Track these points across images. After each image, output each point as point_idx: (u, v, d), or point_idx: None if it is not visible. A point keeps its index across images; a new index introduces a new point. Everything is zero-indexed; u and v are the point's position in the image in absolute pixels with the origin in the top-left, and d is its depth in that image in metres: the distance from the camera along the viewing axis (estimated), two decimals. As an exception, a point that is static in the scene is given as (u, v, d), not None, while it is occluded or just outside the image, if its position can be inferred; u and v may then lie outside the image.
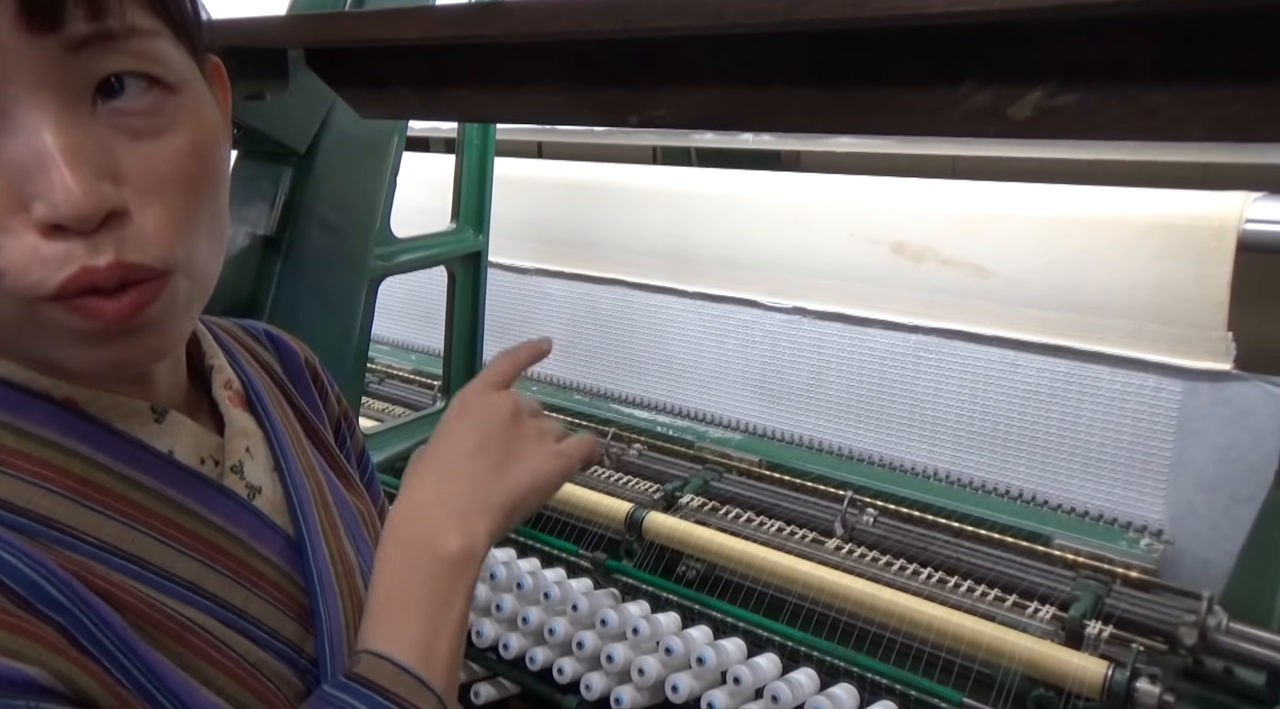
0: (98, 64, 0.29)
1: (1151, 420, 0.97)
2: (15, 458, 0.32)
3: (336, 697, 0.34)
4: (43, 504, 0.32)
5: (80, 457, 0.33)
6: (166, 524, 0.35)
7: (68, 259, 0.29)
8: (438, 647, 0.37)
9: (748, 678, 0.85)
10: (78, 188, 0.28)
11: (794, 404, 1.22)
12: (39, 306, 0.30)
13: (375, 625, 0.37)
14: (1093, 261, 0.99)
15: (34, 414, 0.33)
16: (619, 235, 1.39)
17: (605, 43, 0.71)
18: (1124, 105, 0.55)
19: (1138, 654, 0.76)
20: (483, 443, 0.43)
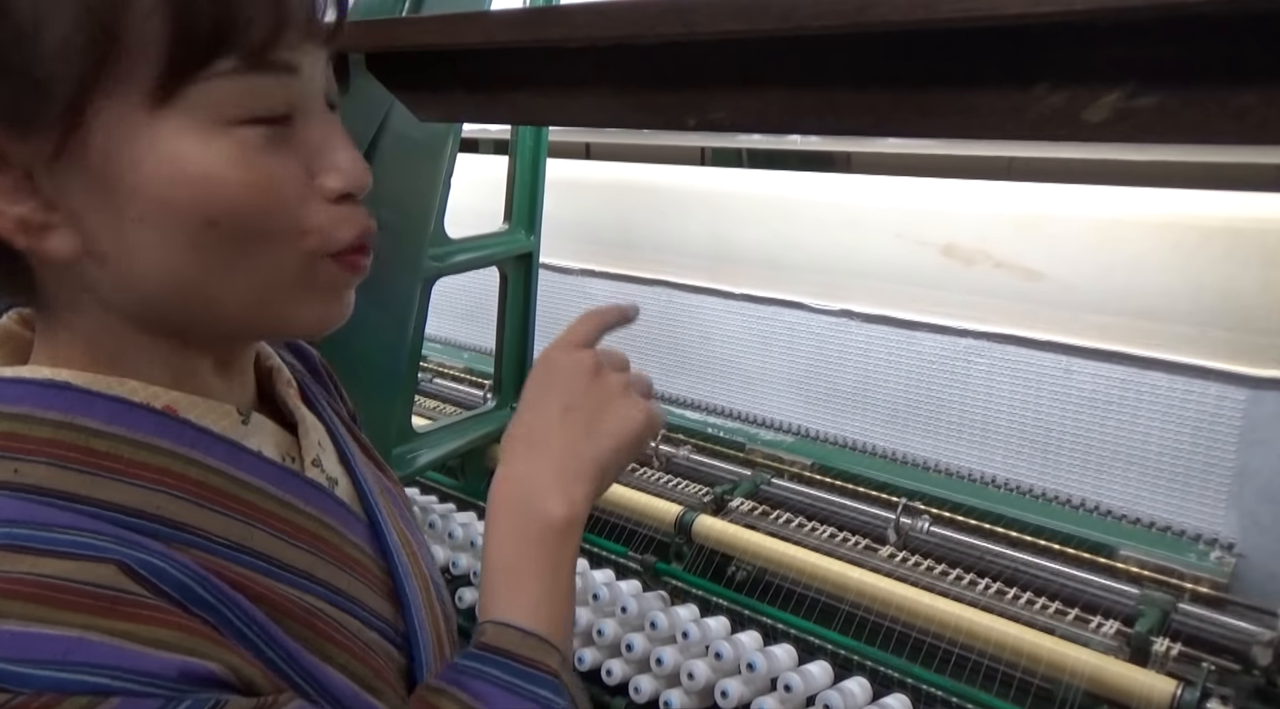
0: (331, 82, 0.38)
1: (1213, 429, 0.94)
2: (136, 468, 0.33)
3: (471, 667, 0.37)
4: (170, 509, 0.33)
5: (193, 462, 0.34)
6: (276, 520, 0.36)
7: (356, 219, 0.36)
8: (554, 609, 0.40)
9: (799, 685, 0.84)
10: (360, 162, 0.36)
11: (842, 407, 1.21)
12: (321, 263, 0.36)
13: (494, 596, 0.40)
14: (1152, 265, 0.97)
15: (144, 424, 0.34)
16: (665, 236, 1.39)
17: (665, 45, 0.71)
18: (1209, 107, 0.53)
19: (1208, 673, 0.74)
20: (569, 404, 0.44)
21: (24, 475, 0.31)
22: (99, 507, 0.31)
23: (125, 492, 0.32)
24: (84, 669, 0.26)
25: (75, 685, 0.25)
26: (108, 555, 0.29)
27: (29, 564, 0.28)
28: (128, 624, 0.28)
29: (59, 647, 0.26)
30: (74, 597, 0.27)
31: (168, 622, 0.29)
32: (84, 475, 0.32)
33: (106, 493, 0.32)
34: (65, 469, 0.31)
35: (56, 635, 0.26)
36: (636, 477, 1.15)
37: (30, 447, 0.31)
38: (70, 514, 0.30)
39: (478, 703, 0.36)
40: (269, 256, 0.34)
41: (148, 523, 0.32)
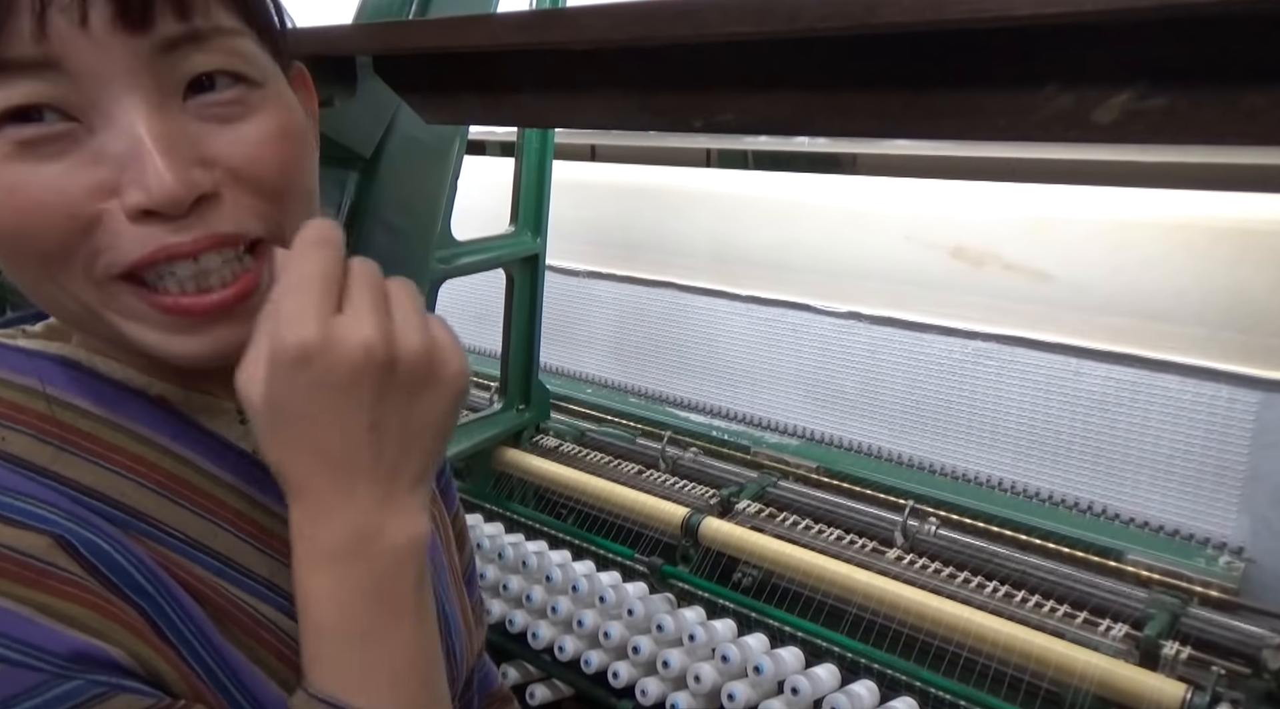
0: (188, 62, 0.31)
1: (1225, 432, 0.94)
2: (112, 452, 0.33)
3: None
4: (134, 498, 0.33)
5: (170, 453, 0.35)
6: (244, 521, 0.36)
7: (149, 238, 0.30)
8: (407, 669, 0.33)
9: (806, 689, 0.84)
10: (169, 174, 0.29)
11: (849, 410, 1.21)
12: (117, 290, 0.31)
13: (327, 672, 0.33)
14: (1163, 267, 0.96)
15: (131, 409, 0.34)
16: (671, 238, 1.39)
17: (672, 48, 0.71)
18: (1221, 108, 0.53)
19: (1218, 677, 0.73)
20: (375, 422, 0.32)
21: (9, 443, 0.32)
22: (63, 483, 0.32)
23: (94, 473, 0.33)
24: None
25: None
26: (48, 528, 0.30)
27: None
28: (44, 596, 0.28)
29: None
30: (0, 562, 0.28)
31: (85, 601, 0.29)
32: (59, 451, 0.32)
33: (74, 471, 0.32)
34: (43, 443, 0.32)
35: None
36: (643, 479, 1.15)
37: (22, 417, 0.33)
38: (35, 485, 0.31)
39: None
40: (61, 280, 0.31)
41: (107, 507, 0.33)
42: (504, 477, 1.22)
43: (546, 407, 1.30)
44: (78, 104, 0.29)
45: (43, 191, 0.29)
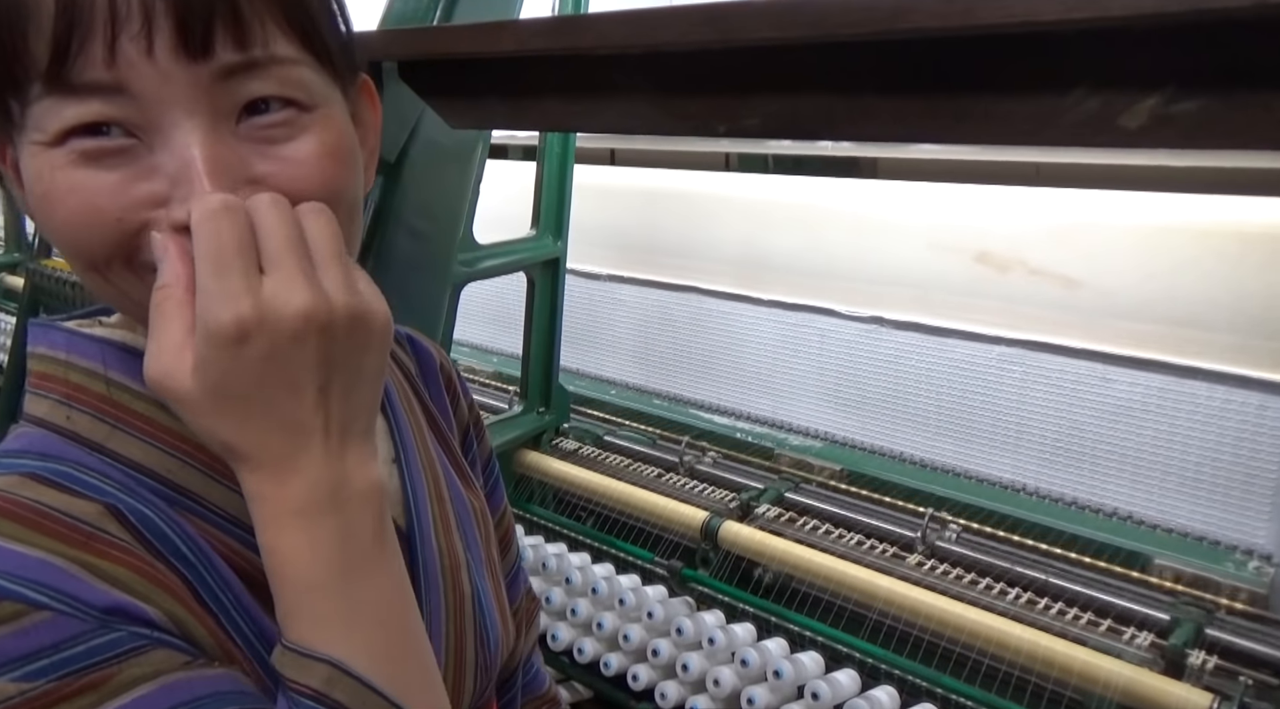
0: (244, 89, 0.33)
1: (1255, 439, 0.92)
2: (162, 432, 0.35)
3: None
4: (181, 475, 0.35)
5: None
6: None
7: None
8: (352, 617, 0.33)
9: (826, 694, 0.83)
10: (213, 192, 0.31)
11: (872, 414, 1.20)
12: (122, 275, 0.34)
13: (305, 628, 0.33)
14: (1193, 273, 0.95)
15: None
16: (693, 242, 1.39)
17: (697, 53, 0.71)
18: (1251, 113, 0.52)
19: (1245, 688, 0.72)
20: (322, 384, 0.32)
21: (73, 423, 0.35)
22: (117, 459, 0.35)
23: (145, 450, 0.35)
24: (33, 585, 0.29)
25: (15, 594, 0.29)
26: (101, 497, 0.33)
27: (35, 492, 0.32)
28: (90, 556, 0.31)
29: (18, 561, 0.30)
30: (55, 525, 0.31)
31: (129, 564, 0.32)
32: (113, 429, 0.35)
33: (127, 449, 0.35)
34: (100, 421, 0.35)
35: (22, 552, 0.30)
36: (662, 482, 1.15)
37: (84, 398, 0.35)
38: (94, 459, 0.34)
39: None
40: (108, 274, 0.33)
41: (155, 483, 0.35)
42: (524, 479, 1.23)
43: (566, 409, 1.30)
44: (139, 123, 0.32)
45: (98, 196, 0.32)
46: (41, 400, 0.36)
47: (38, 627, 0.28)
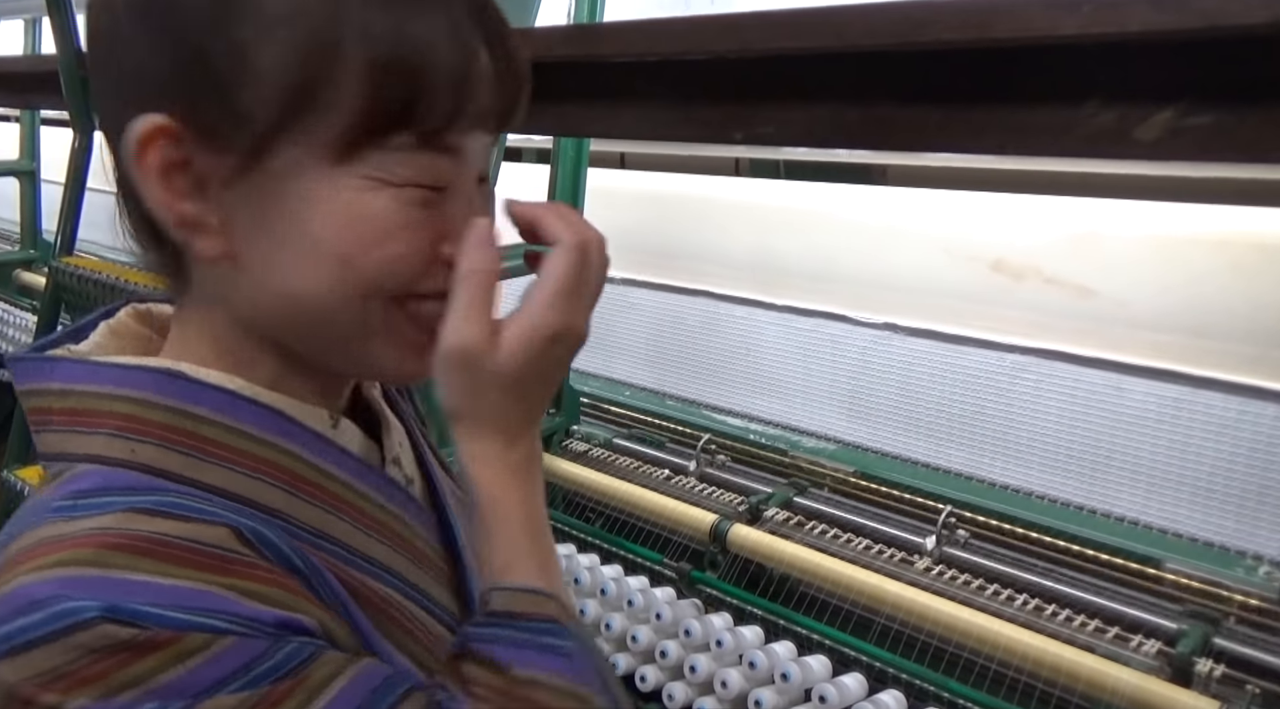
0: (487, 160, 0.40)
1: (1270, 450, 0.92)
2: (237, 455, 0.36)
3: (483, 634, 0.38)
4: (265, 496, 0.36)
5: (286, 452, 0.37)
6: (359, 513, 0.39)
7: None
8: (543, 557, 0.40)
9: (833, 697, 0.84)
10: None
11: (884, 421, 1.21)
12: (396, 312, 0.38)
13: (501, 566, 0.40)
14: (1210, 283, 0.95)
15: (247, 416, 0.37)
16: (708, 247, 1.40)
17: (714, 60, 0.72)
18: (1265, 126, 0.53)
19: (1253, 696, 0.73)
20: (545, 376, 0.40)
21: (138, 454, 0.34)
22: (199, 487, 0.34)
23: (225, 476, 0.35)
24: (203, 613, 0.30)
25: (197, 625, 0.29)
26: (220, 520, 0.33)
27: (151, 525, 0.31)
28: (235, 579, 0.31)
29: (175, 594, 0.30)
30: (190, 555, 0.31)
31: (269, 580, 0.32)
32: (188, 458, 0.35)
33: (207, 476, 0.35)
34: (170, 451, 0.35)
35: (175, 585, 0.30)
36: (672, 484, 1.16)
37: (145, 428, 0.35)
38: (179, 487, 0.34)
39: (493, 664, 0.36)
40: (370, 301, 0.37)
41: (243, 507, 0.35)
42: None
43: (576, 411, 1.31)
44: (451, 180, 0.37)
45: (422, 235, 0.37)
46: (90, 437, 0.34)
47: (226, 652, 0.29)
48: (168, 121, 0.33)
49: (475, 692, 0.35)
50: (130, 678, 0.28)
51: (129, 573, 0.30)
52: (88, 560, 0.29)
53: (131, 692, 0.28)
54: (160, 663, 0.28)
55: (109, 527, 0.31)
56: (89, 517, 0.31)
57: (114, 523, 0.31)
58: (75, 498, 0.32)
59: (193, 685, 0.29)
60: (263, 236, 0.35)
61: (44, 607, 0.28)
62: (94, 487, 0.33)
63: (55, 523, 0.31)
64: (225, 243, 0.36)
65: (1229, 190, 1.02)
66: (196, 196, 0.35)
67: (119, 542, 0.30)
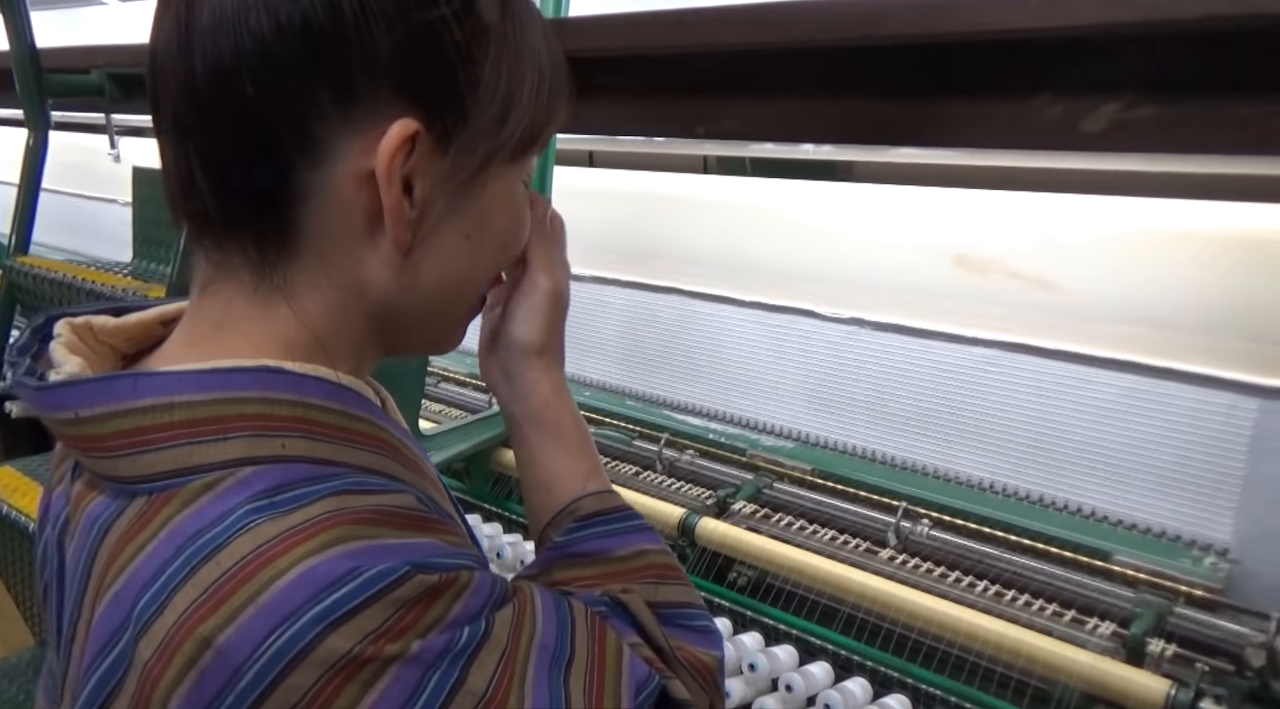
0: None
1: (1224, 439, 0.95)
2: (356, 435, 0.37)
3: (576, 537, 0.47)
4: (392, 468, 0.38)
5: (383, 428, 0.39)
6: (424, 473, 0.42)
7: None
8: (597, 462, 0.50)
9: (800, 686, 0.85)
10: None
11: (853, 416, 1.22)
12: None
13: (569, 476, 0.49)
14: (1167, 276, 0.97)
15: (347, 400, 0.38)
16: (678, 244, 1.40)
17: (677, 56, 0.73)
18: (1206, 118, 0.55)
19: (1202, 674, 0.75)
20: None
21: (290, 448, 0.35)
22: (353, 467, 0.36)
23: (360, 455, 0.37)
24: (454, 556, 0.34)
25: (460, 565, 0.34)
26: (402, 489, 0.36)
27: (368, 501, 0.34)
28: (441, 534, 0.35)
29: (429, 549, 0.33)
30: (408, 518, 0.34)
31: (453, 532, 0.36)
32: (332, 444, 0.36)
33: (353, 457, 0.36)
34: (315, 440, 0.36)
35: (422, 542, 0.34)
36: (640, 480, 1.16)
37: (282, 424, 0.35)
38: (338, 468, 0.35)
39: (600, 555, 0.46)
40: (490, 278, 0.44)
41: (381, 479, 0.37)
42: (503, 477, 1.24)
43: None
44: None
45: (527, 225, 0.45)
46: (226, 443, 0.34)
47: (481, 582, 0.34)
48: (420, 128, 0.36)
49: (589, 584, 0.44)
50: (434, 617, 0.32)
51: (389, 538, 0.32)
52: (351, 536, 0.32)
53: (439, 626, 0.32)
54: (451, 599, 0.33)
55: (335, 509, 0.32)
56: (301, 507, 0.32)
57: (334, 506, 0.32)
58: (264, 497, 0.32)
59: (473, 611, 0.33)
60: (450, 229, 0.39)
61: (352, 577, 0.30)
62: (276, 484, 0.33)
63: (270, 520, 0.31)
64: (411, 235, 0.38)
65: (1186, 185, 1.04)
66: (406, 193, 0.37)
67: (358, 517, 0.33)
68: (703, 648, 0.44)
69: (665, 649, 0.42)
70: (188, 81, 0.35)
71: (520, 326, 0.49)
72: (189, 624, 0.30)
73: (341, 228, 0.37)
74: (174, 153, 0.36)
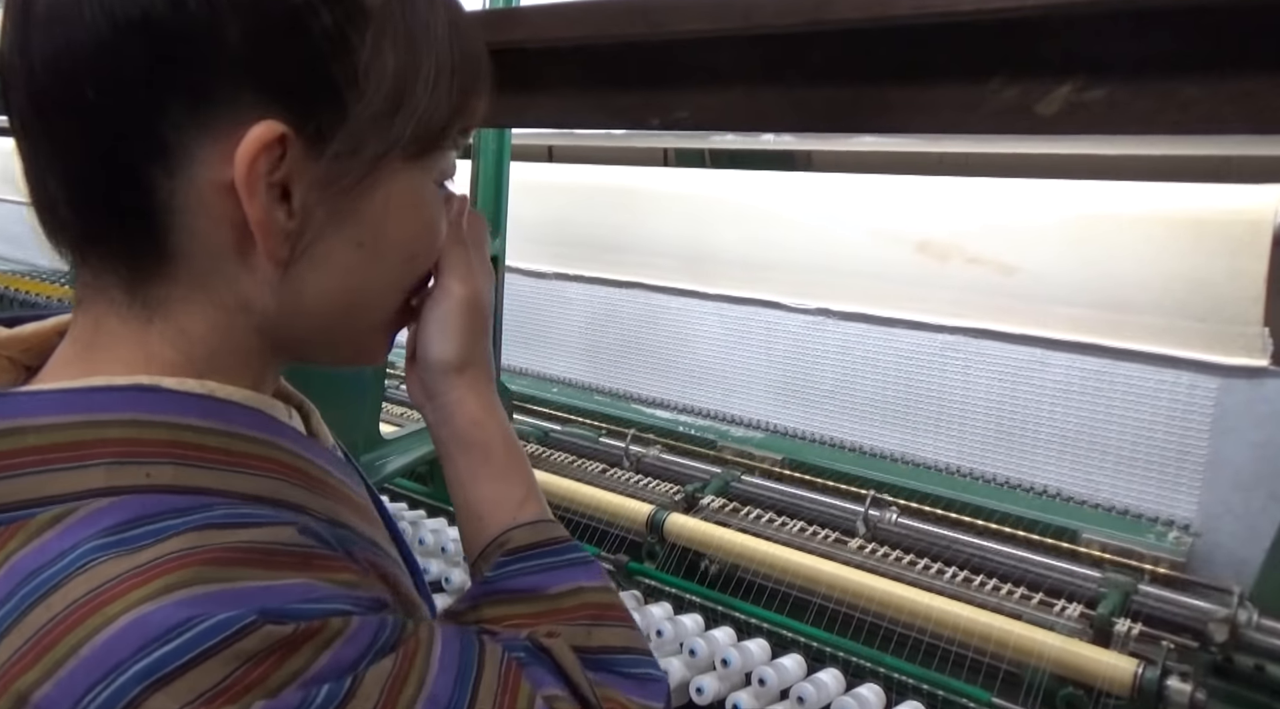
0: None
1: (1186, 418, 0.96)
2: (246, 458, 0.34)
3: (508, 570, 0.42)
4: (288, 494, 0.35)
5: (283, 449, 0.36)
6: (343, 497, 0.39)
7: None
8: (535, 489, 0.46)
9: (773, 679, 0.84)
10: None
11: (819, 405, 1.22)
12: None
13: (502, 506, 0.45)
14: (1124, 258, 0.98)
15: (239, 419, 0.35)
16: (639, 238, 1.39)
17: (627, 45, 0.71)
18: (1156, 99, 0.55)
19: (1168, 652, 0.76)
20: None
21: (156, 477, 0.31)
22: (233, 496, 0.33)
23: (245, 481, 0.34)
24: (324, 601, 0.30)
25: (331, 611, 0.30)
26: (282, 521, 0.32)
27: (232, 536, 0.30)
28: (324, 572, 0.32)
29: (297, 592, 0.30)
30: (280, 556, 0.31)
31: (343, 567, 0.33)
32: (208, 470, 0.33)
33: (236, 484, 0.33)
34: (187, 467, 0.32)
35: (290, 584, 0.30)
36: (607, 477, 1.15)
37: (150, 449, 0.32)
38: (213, 499, 0.32)
39: (531, 593, 0.41)
40: (405, 290, 0.40)
41: (280, 507, 0.34)
42: (470, 478, 1.22)
43: (509, 409, 1.30)
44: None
45: (442, 230, 0.41)
46: (84, 472, 0.31)
47: (358, 630, 0.30)
48: (287, 130, 0.32)
49: (518, 624, 0.40)
50: (289, 672, 0.28)
51: (246, 581, 0.29)
52: (197, 579, 0.28)
53: (293, 685, 0.28)
54: (313, 651, 0.29)
55: (190, 547, 0.29)
56: (153, 544, 0.29)
57: (192, 542, 0.29)
58: (114, 533, 0.29)
59: (342, 664, 0.29)
60: (336, 237, 0.35)
61: (186, 628, 0.27)
62: (130, 518, 0.29)
63: (114, 559, 0.28)
64: (291, 245, 0.34)
65: (1139, 167, 1.05)
66: (283, 202, 0.33)
67: (215, 556, 0.29)
68: (638, 698, 0.40)
69: (591, 701, 0.37)
70: (29, 83, 0.31)
71: (435, 340, 0.43)
72: (9, 676, 0.26)
73: (213, 242, 0.33)
74: (26, 160, 0.33)
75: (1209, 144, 1.04)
